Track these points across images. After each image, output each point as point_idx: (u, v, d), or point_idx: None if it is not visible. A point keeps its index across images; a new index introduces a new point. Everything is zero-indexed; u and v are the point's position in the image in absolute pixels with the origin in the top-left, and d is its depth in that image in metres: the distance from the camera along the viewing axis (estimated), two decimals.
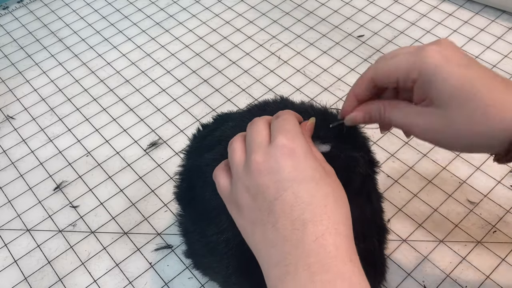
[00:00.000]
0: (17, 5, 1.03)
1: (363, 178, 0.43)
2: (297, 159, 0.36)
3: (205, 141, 0.49)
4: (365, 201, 0.45)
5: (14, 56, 0.92)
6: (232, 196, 0.38)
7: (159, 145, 0.75)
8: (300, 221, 0.34)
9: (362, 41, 0.88)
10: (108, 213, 0.68)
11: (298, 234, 0.34)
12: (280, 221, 0.35)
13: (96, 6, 1.01)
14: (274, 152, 0.36)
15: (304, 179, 0.35)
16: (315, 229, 0.34)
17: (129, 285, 0.61)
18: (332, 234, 0.34)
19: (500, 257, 0.59)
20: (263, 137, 0.38)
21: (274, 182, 0.35)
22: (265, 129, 0.39)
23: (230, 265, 0.44)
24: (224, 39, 0.91)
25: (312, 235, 0.33)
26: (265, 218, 0.35)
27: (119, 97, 0.83)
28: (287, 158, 0.35)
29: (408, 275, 0.58)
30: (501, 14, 0.90)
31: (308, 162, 0.36)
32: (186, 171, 0.51)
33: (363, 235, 0.44)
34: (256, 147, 0.37)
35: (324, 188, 0.35)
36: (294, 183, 0.35)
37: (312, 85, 0.81)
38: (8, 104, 0.84)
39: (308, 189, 0.35)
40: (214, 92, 0.82)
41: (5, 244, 0.66)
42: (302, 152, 0.36)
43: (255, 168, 0.36)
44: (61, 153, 0.75)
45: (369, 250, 0.45)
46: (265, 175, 0.36)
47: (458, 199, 0.65)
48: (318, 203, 0.34)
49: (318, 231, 0.33)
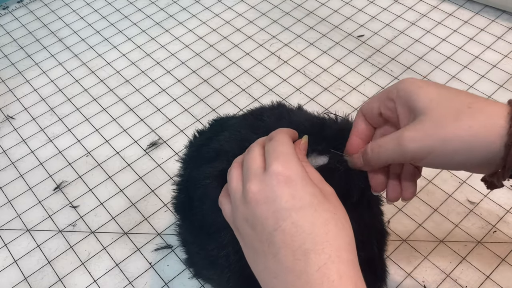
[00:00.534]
0: (17, 5, 1.03)
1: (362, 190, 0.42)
2: (294, 187, 0.35)
3: (202, 151, 0.48)
4: (364, 208, 0.44)
5: (14, 56, 0.92)
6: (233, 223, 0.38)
7: (159, 145, 0.75)
8: (301, 251, 0.33)
9: (362, 41, 0.88)
10: (108, 213, 0.68)
11: (301, 264, 0.33)
12: (282, 252, 0.34)
13: (96, 6, 1.01)
14: (270, 180, 0.35)
15: (302, 207, 0.34)
16: (317, 259, 0.33)
17: (129, 285, 0.61)
18: (335, 262, 0.33)
19: (500, 257, 0.59)
20: (257, 164, 0.37)
21: (272, 212, 0.34)
22: (259, 155, 0.38)
23: (231, 280, 0.44)
24: (224, 39, 0.91)
25: (315, 265, 0.33)
26: (266, 249, 0.35)
27: (119, 97, 0.83)
28: (284, 186, 0.35)
29: (408, 275, 0.58)
30: (501, 14, 0.90)
31: (305, 189, 0.35)
32: (184, 181, 0.50)
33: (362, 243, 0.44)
34: (252, 176, 0.36)
35: (323, 214, 0.34)
36: (292, 212, 0.34)
37: (312, 85, 0.81)
38: (8, 104, 0.83)
39: (308, 217, 0.34)
40: (214, 92, 0.82)
41: (5, 244, 0.66)
42: (298, 178, 0.35)
43: (251, 198, 0.35)
44: (61, 153, 0.75)
45: (369, 258, 0.45)
46: (262, 205, 0.35)
47: (458, 199, 0.65)
48: (319, 231, 0.34)
49: (321, 260, 0.33)
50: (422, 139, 0.34)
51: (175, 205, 0.51)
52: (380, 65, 0.84)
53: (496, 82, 0.79)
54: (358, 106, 0.77)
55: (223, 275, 0.44)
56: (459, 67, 0.82)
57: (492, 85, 0.78)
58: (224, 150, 0.44)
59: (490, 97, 0.77)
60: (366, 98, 0.78)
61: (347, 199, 0.39)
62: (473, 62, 0.82)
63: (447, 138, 0.33)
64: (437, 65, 0.82)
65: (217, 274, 0.46)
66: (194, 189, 0.47)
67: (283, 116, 0.46)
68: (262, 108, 0.50)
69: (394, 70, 0.82)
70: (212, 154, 0.46)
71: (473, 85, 0.79)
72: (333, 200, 0.36)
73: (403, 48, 0.86)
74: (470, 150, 0.33)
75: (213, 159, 0.45)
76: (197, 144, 0.51)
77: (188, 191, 0.48)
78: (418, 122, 0.34)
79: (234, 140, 0.45)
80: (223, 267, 0.44)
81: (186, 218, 0.50)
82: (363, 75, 0.82)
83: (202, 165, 0.46)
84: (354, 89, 0.80)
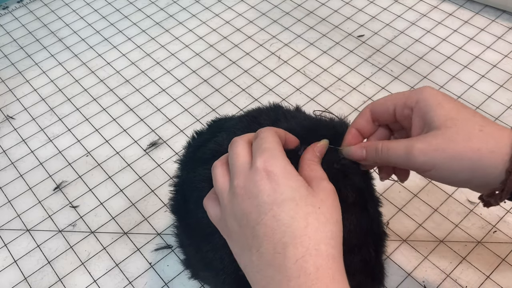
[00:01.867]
0: (17, 5, 1.03)
1: (359, 189, 0.42)
2: (275, 181, 0.35)
3: (199, 152, 0.48)
4: (361, 210, 0.44)
5: (14, 56, 0.92)
6: (222, 223, 0.39)
7: (159, 145, 0.75)
8: (281, 244, 0.34)
9: (362, 41, 0.88)
10: (108, 213, 0.68)
11: (280, 257, 0.34)
12: (264, 246, 0.35)
13: (96, 6, 1.01)
14: (253, 176, 0.36)
15: (283, 201, 0.35)
16: (295, 252, 0.33)
17: (129, 285, 0.61)
18: (313, 255, 0.33)
19: (500, 257, 0.59)
20: (242, 159, 0.38)
21: (255, 206, 0.35)
22: (244, 150, 0.38)
23: (226, 281, 0.44)
24: (224, 39, 0.91)
25: (293, 258, 0.33)
26: (250, 243, 0.35)
27: (119, 97, 0.83)
28: (266, 181, 0.35)
29: (408, 275, 0.58)
30: (501, 14, 0.90)
31: (287, 183, 0.35)
32: (180, 183, 0.50)
33: (358, 247, 0.44)
34: (237, 172, 0.37)
35: (305, 208, 0.35)
36: (274, 206, 0.35)
37: (312, 85, 0.81)
38: (8, 104, 0.83)
39: (288, 211, 0.34)
40: (214, 92, 0.82)
41: (5, 244, 0.66)
42: (281, 173, 0.36)
43: (237, 194, 0.36)
44: (61, 153, 0.75)
45: (365, 261, 0.45)
46: (247, 200, 0.36)
47: (458, 199, 0.65)
48: (298, 224, 0.34)
49: (298, 253, 0.33)
50: (431, 153, 0.36)
51: (171, 206, 0.51)
52: (380, 65, 0.84)
53: (496, 82, 0.79)
54: (358, 106, 0.77)
55: (219, 277, 0.44)
56: (459, 67, 0.82)
57: (492, 85, 0.78)
58: (220, 152, 0.44)
59: (490, 97, 0.77)
60: (366, 98, 0.78)
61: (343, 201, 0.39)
62: (473, 62, 0.82)
63: (456, 157, 0.35)
64: (437, 65, 0.82)
65: (212, 276, 0.47)
66: (190, 191, 0.47)
67: (278, 118, 0.46)
68: (258, 110, 0.50)
69: (394, 70, 0.82)
70: (209, 155, 0.46)
71: (473, 85, 0.79)
72: (321, 195, 0.36)
73: (403, 48, 0.86)
74: (474, 170, 0.35)
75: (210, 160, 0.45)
76: (194, 145, 0.51)
77: (184, 193, 0.48)
78: (432, 136, 0.36)
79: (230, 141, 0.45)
80: (218, 269, 0.44)
81: (182, 219, 0.51)
82: (363, 75, 0.82)
83: (198, 167, 0.46)
84: (354, 89, 0.80)
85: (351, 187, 0.42)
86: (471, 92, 0.78)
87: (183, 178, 0.50)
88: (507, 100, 0.76)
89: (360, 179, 0.42)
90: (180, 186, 0.50)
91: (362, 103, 0.78)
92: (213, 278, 0.47)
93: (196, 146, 0.50)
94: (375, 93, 0.79)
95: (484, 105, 0.76)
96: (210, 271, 0.46)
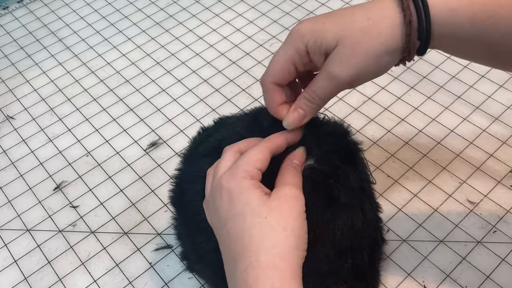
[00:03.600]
0: (17, 5, 1.03)
1: (351, 191, 0.42)
2: (231, 197, 0.37)
3: (200, 147, 0.49)
4: (355, 212, 0.43)
5: (14, 56, 0.92)
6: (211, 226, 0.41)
7: (159, 145, 0.75)
8: (233, 259, 0.36)
9: None
10: (108, 213, 0.68)
11: (232, 271, 0.36)
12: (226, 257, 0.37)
13: (96, 6, 1.01)
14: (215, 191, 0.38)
15: (235, 216, 0.36)
16: (240, 265, 0.35)
17: (129, 285, 0.61)
18: (254, 267, 0.34)
19: (500, 257, 0.59)
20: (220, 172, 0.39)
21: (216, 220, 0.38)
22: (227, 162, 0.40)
23: (218, 273, 0.44)
24: (224, 39, 0.91)
25: (239, 271, 0.35)
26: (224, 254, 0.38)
27: (119, 97, 0.83)
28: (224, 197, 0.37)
29: (408, 275, 0.58)
30: None
31: (240, 197, 0.36)
32: (180, 175, 0.51)
33: (351, 250, 0.43)
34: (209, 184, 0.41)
35: (252, 220, 0.35)
36: (227, 221, 0.36)
37: None
38: (8, 104, 0.84)
39: (237, 225, 0.36)
40: (214, 92, 0.82)
41: (5, 244, 0.66)
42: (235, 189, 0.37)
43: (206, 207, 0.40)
44: (61, 153, 0.75)
45: (358, 265, 0.44)
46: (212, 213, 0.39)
47: (458, 199, 0.65)
48: (243, 237, 0.35)
49: (242, 266, 0.34)
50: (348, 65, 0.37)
51: (171, 198, 0.53)
52: None
53: (496, 82, 0.79)
54: (358, 106, 0.77)
55: (211, 268, 0.46)
56: (459, 67, 0.82)
57: (492, 85, 0.78)
58: (220, 147, 0.45)
59: (490, 97, 0.77)
60: (366, 98, 0.78)
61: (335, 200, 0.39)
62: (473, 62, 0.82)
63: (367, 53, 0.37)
64: (437, 65, 0.82)
65: (205, 267, 0.48)
66: (188, 184, 0.48)
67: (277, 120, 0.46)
68: (259, 109, 0.50)
69: (394, 70, 0.82)
70: (209, 150, 0.47)
71: (473, 85, 0.79)
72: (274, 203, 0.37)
73: None
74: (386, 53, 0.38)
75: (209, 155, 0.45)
76: (198, 140, 0.52)
77: (183, 185, 0.49)
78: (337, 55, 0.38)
79: (227, 139, 0.46)
80: (210, 261, 0.45)
81: (180, 211, 0.51)
82: None
83: (198, 160, 0.47)
84: (354, 89, 0.80)
85: (343, 186, 0.41)
86: (471, 92, 0.78)
87: (184, 170, 0.51)
88: (507, 100, 0.76)
89: (355, 178, 0.42)
90: (180, 178, 0.51)
91: (362, 103, 0.78)
92: (205, 270, 0.48)
93: (198, 142, 0.51)
94: (375, 93, 0.79)
95: (484, 105, 0.76)
96: (203, 263, 0.47)
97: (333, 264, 0.43)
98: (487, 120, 0.74)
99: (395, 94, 0.79)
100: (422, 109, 0.76)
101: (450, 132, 0.73)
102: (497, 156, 0.69)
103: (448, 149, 0.70)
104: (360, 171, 0.45)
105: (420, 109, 0.76)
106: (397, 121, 0.75)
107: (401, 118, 0.75)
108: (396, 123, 0.74)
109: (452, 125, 0.73)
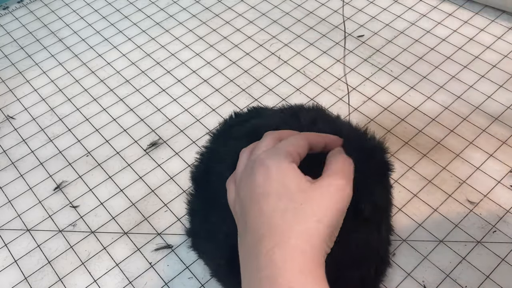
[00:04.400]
0: (17, 5, 1.03)
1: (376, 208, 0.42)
2: (268, 174, 0.37)
3: (233, 129, 0.50)
4: (373, 230, 0.44)
5: (14, 56, 0.92)
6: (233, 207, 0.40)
7: (159, 145, 0.75)
8: (259, 235, 0.35)
9: (362, 41, 0.88)
10: (108, 213, 0.68)
11: (256, 248, 0.35)
12: (249, 235, 0.36)
13: (96, 6, 1.01)
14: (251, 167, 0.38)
15: (269, 194, 0.36)
16: (267, 243, 0.34)
17: (129, 285, 0.61)
18: (282, 247, 0.34)
19: (500, 257, 0.59)
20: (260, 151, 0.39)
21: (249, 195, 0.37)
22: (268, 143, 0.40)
23: (224, 257, 0.44)
24: (224, 39, 0.91)
25: (264, 249, 0.34)
26: (242, 231, 0.37)
27: (119, 97, 0.83)
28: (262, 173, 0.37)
29: (408, 275, 0.58)
30: (501, 14, 0.90)
31: (279, 178, 0.37)
32: (206, 153, 0.51)
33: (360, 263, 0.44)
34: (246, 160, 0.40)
35: (286, 203, 0.36)
36: (261, 197, 0.36)
37: (312, 85, 0.81)
38: (8, 104, 0.84)
39: (270, 204, 0.36)
40: (214, 92, 0.82)
41: (5, 244, 0.66)
42: (275, 168, 0.37)
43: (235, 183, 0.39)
44: (61, 153, 0.75)
45: (362, 278, 0.45)
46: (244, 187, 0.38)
47: (458, 199, 0.65)
48: (274, 216, 0.35)
49: (269, 245, 0.34)
50: None
51: (193, 173, 0.52)
52: (380, 65, 0.84)
53: (496, 82, 0.79)
54: (358, 106, 0.77)
55: (218, 250, 0.45)
56: (459, 67, 0.82)
57: (492, 85, 0.78)
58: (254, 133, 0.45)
59: (490, 97, 0.77)
60: (366, 98, 0.78)
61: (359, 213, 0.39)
62: (473, 62, 0.82)
63: None
64: (437, 65, 0.82)
65: (213, 248, 0.48)
66: (214, 163, 0.48)
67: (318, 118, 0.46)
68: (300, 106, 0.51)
69: (394, 70, 0.82)
70: (243, 134, 0.47)
71: (473, 85, 0.79)
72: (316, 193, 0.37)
73: (403, 48, 0.86)
74: None
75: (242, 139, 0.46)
76: (230, 124, 0.52)
77: (208, 163, 0.49)
78: None
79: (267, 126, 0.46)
80: (219, 242, 0.45)
81: (199, 187, 0.51)
82: (363, 75, 0.82)
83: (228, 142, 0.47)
84: (354, 89, 0.80)
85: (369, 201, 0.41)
86: (471, 92, 0.78)
87: (212, 149, 0.51)
88: (507, 100, 0.76)
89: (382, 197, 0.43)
90: (206, 155, 0.51)
91: (362, 103, 0.78)
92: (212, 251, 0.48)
93: (230, 125, 0.52)
94: (375, 93, 0.79)
95: (484, 105, 0.76)
96: (211, 243, 0.47)
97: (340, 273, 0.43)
98: (487, 120, 0.74)
99: (395, 94, 0.79)
100: (422, 109, 0.76)
101: (450, 132, 0.73)
102: (497, 156, 0.69)
103: (448, 149, 0.70)
104: (388, 191, 0.45)
105: (420, 109, 0.76)
106: (397, 121, 0.75)
107: (401, 118, 0.75)
108: (396, 123, 0.74)
109: (452, 125, 0.73)
